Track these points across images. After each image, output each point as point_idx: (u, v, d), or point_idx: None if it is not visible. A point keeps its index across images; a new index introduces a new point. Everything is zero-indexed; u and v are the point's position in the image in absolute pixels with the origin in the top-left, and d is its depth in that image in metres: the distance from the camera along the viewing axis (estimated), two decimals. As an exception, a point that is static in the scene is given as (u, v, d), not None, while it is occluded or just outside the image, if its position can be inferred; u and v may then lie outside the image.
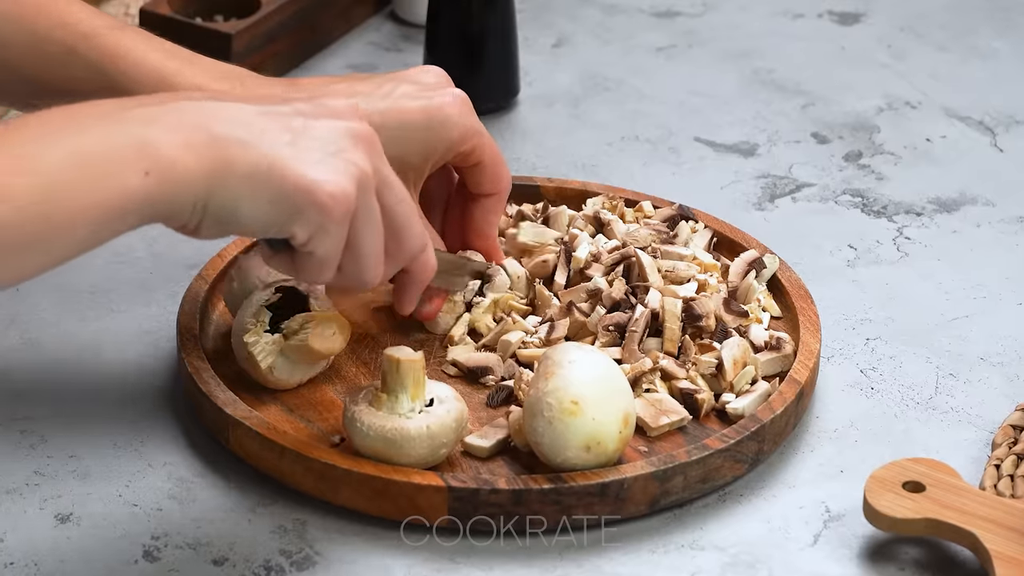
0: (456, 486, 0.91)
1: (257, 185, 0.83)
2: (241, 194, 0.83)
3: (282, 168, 0.84)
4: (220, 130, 0.83)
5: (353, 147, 0.86)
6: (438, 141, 0.98)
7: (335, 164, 0.85)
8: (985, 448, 0.99)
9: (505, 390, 0.99)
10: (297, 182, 0.84)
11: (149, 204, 0.82)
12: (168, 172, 0.81)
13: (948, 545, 0.92)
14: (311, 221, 0.85)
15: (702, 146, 1.24)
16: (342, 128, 0.86)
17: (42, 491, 0.94)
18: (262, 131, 0.84)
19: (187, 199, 0.82)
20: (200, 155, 0.82)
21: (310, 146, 0.85)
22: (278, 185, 0.84)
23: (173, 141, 0.82)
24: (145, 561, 0.90)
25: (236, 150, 0.83)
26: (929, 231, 1.16)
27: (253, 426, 0.94)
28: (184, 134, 0.82)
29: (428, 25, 1.25)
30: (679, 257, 1.05)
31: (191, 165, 0.82)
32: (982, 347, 1.06)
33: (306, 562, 0.90)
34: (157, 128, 0.82)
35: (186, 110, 0.83)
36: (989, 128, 1.27)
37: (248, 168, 0.83)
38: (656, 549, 0.92)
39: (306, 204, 0.84)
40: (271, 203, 0.84)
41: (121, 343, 1.04)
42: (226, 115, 0.84)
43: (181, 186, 0.82)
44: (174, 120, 0.83)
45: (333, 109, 0.87)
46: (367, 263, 0.88)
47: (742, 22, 1.38)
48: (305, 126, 0.85)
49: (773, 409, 0.97)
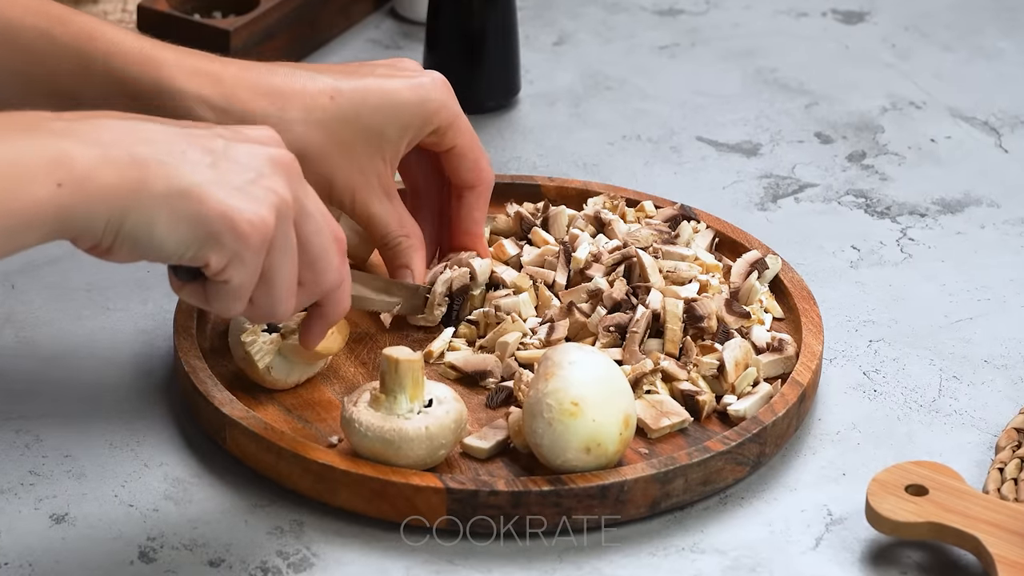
0: (455, 488, 0.91)
1: (175, 207, 0.82)
2: (158, 215, 0.82)
3: (201, 192, 0.82)
4: (140, 150, 0.82)
5: (272, 173, 0.84)
6: (416, 115, 0.98)
7: (254, 191, 0.83)
8: (989, 451, 0.99)
9: (504, 391, 0.99)
10: (216, 208, 0.82)
11: (60, 218, 0.80)
12: (82, 186, 0.80)
13: (951, 549, 0.92)
14: (227, 248, 0.83)
15: (704, 145, 1.24)
16: (262, 154, 0.85)
17: (37, 491, 0.94)
18: (182, 152, 0.83)
19: (100, 216, 0.81)
20: (118, 172, 0.81)
21: (230, 170, 0.83)
22: (196, 209, 0.82)
23: (90, 155, 0.81)
24: (141, 562, 0.90)
25: (155, 170, 0.82)
26: (933, 232, 1.16)
27: (250, 426, 0.94)
28: (102, 150, 0.81)
29: (428, 22, 1.25)
30: (681, 257, 1.05)
31: (108, 181, 0.81)
32: (986, 349, 1.06)
33: (303, 563, 0.90)
34: (74, 141, 0.81)
35: (106, 127, 0.82)
36: (994, 129, 1.27)
37: (166, 189, 0.82)
38: (656, 552, 0.92)
39: (223, 231, 0.83)
40: (188, 227, 0.82)
41: (117, 342, 1.04)
42: (147, 135, 0.83)
43: (95, 202, 0.81)
44: (93, 136, 0.81)
45: (253, 135, 0.86)
46: (279, 295, 0.86)
47: (745, 20, 1.38)
48: (226, 149, 0.84)
49: (775, 411, 0.97)
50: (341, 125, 0.97)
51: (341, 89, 0.97)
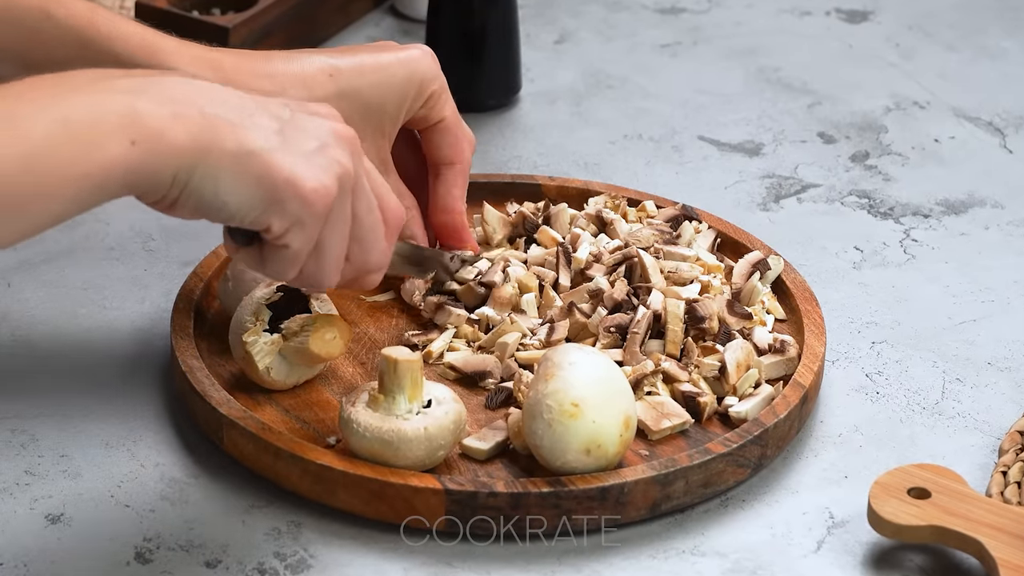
0: (454, 489, 0.90)
1: (243, 167, 0.83)
2: (225, 174, 0.83)
3: (268, 155, 0.83)
4: (210, 109, 0.83)
5: (337, 144, 0.86)
6: (412, 84, 0.99)
7: (320, 159, 0.85)
8: (992, 454, 0.98)
9: (504, 392, 0.98)
10: (283, 172, 0.84)
11: (131, 175, 0.81)
12: (154, 143, 0.81)
13: (954, 553, 0.91)
14: (290, 213, 0.84)
15: (706, 145, 1.24)
16: (327, 126, 0.86)
17: (32, 491, 0.94)
18: (251, 115, 0.84)
19: (169, 171, 0.82)
20: (188, 129, 0.82)
21: (297, 137, 0.85)
22: (263, 171, 0.83)
23: (161, 113, 0.81)
24: (137, 563, 0.90)
25: (226, 129, 0.83)
26: (937, 233, 1.16)
27: (248, 426, 0.94)
28: (173, 107, 0.82)
29: (429, 20, 1.25)
30: (682, 258, 1.05)
31: (179, 138, 0.81)
32: (990, 351, 1.06)
33: (301, 565, 0.90)
34: (145, 99, 0.81)
35: (176, 85, 0.83)
36: (998, 129, 1.27)
37: (236, 148, 0.83)
38: (656, 554, 0.92)
39: (289, 195, 0.84)
40: (254, 188, 0.83)
41: (114, 341, 1.04)
42: (216, 96, 0.84)
43: (166, 157, 0.81)
44: (164, 93, 0.82)
45: (317, 109, 0.88)
46: (329, 265, 0.88)
47: (748, 19, 1.38)
48: (292, 117, 0.86)
49: (776, 413, 0.96)
50: (341, 101, 0.98)
51: (339, 67, 0.98)
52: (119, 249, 1.11)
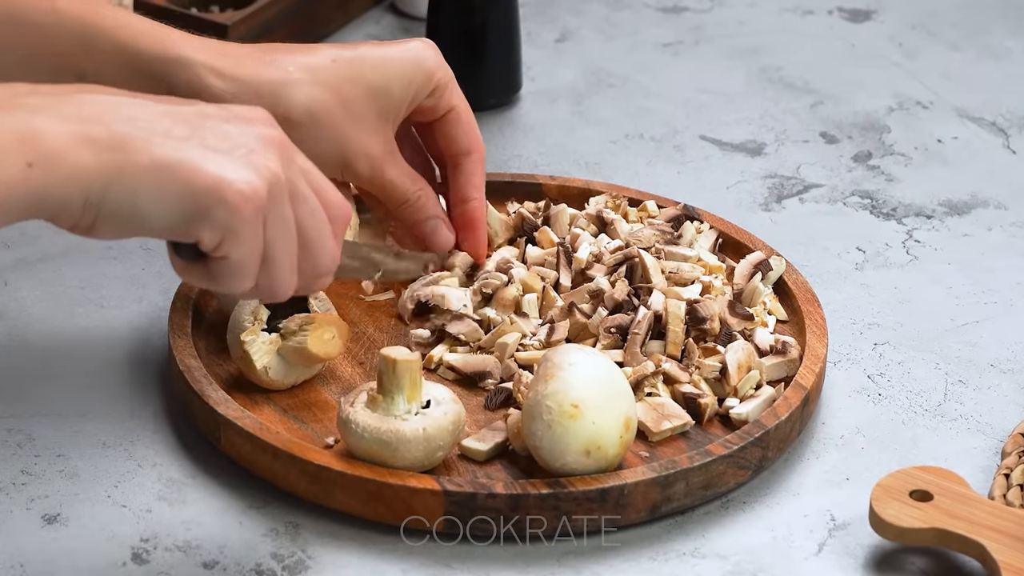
0: (452, 490, 0.90)
1: (160, 181, 0.80)
2: (142, 190, 0.80)
3: (189, 163, 0.81)
4: (119, 126, 0.80)
5: (264, 149, 0.83)
6: (418, 71, 0.99)
7: (245, 163, 0.82)
8: (995, 457, 0.98)
9: (504, 392, 0.98)
10: (204, 180, 0.80)
11: (32, 198, 0.78)
12: (55, 165, 0.78)
13: (956, 556, 0.91)
14: (219, 221, 0.81)
15: (708, 145, 1.24)
16: (252, 132, 0.84)
17: (29, 491, 0.94)
18: (167, 129, 0.81)
19: (77, 195, 0.79)
20: (96, 149, 0.79)
21: (219, 145, 0.82)
22: (184, 181, 0.80)
23: (64, 132, 0.79)
24: (134, 564, 0.89)
25: (137, 144, 0.80)
26: (939, 234, 1.16)
27: (245, 427, 0.94)
28: (78, 126, 0.79)
29: (429, 18, 1.25)
30: (683, 258, 1.04)
31: (83, 159, 0.79)
32: (992, 353, 1.06)
33: (298, 566, 0.90)
34: (47, 117, 0.79)
35: (85, 102, 0.81)
36: (1002, 129, 1.26)
37: (150, 162, 0.80)
38: (657, 557, 0.91)
39: (214, 202, 0.81)
40: (176, 200, 0.81)
41: (111, 340, 1.04)
42: (129, 112, 0.81)
43: (70, 181, 0.79)
44: (70, 111, 0.80)
45: (245, 114, 0.85)
46: (281, 275, 0.85)
47: (750, 18, 1.38)
48: (214, 126, 0.83)
49: (778, 415, 0.96)
50: (346, 84, 0.97)
51: (341, 54, 0.98)
52: (117, 248, 1.11)
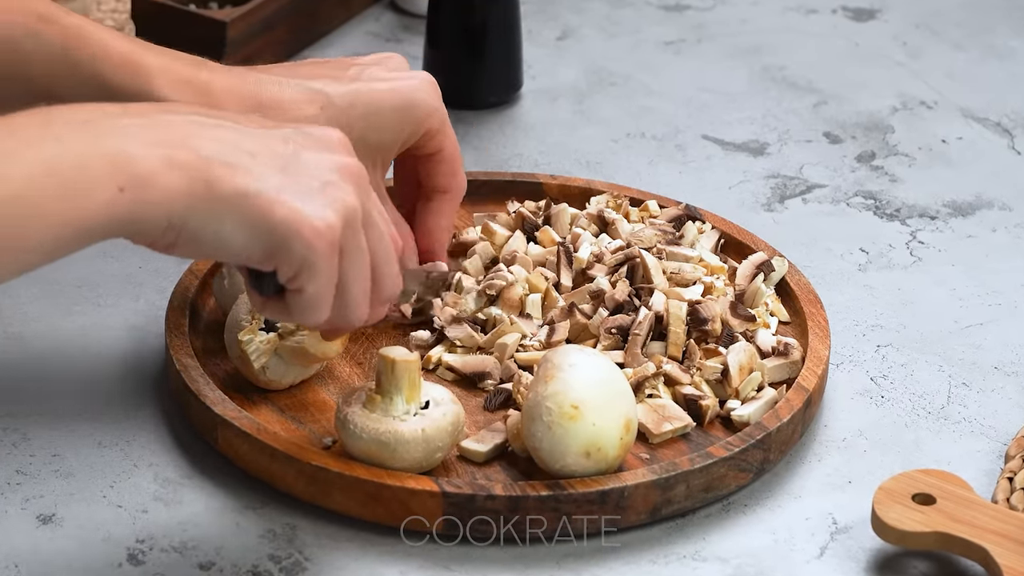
0: (451, 491, 0.90)
1: (242, 211, 0.81)
2: (223, 218, 0.81)
3: (268, 197, 0.82)
4: (207, 150, 0.81)
5: (342, 181, 0.84)
6: (408, 121, 0.97)
7: (322, 198, 0.83)
8: (998, 460, 0.98)
9: (503, 393, 0.98)
10: (282, 213, 0.82)
11: (119, 221, 0.79)
12: (144, 189, 0.79)
13: (958, 560, 0.91)
14: (295, 255, 0.83)
15: (710, 144, 1.24)
16: (331, 162, 0.84)
17: (24, 490, 0.93)
18: (251, 155, 0.82)
19: (161, 217, 0.80)
20: (183, 174, 0.80)
21: (299, 175, 0.83)
22: (262, 214, 0.82)
23: (153, 156, 0.80)
24: (129, 564, 0.89)
25: (222, 171, 0.81)
26: (943, 235, 1.16)
27: (243, 427, 0.93)
28: (166, 150, 0.80)
29: (429, 16, 1.25)
30: (685, 259, 1.04)
31: (172, 184, 0.80)
32: (996, 356, 1.06)
33: (296, 568, 0.89)
34: (137, 141, 0.80)
35: (172, 124, 0.81)
36: (1006, 130, 1.26)
37: (233, 192, 0.81)
38: (657, 559, 0.91)
39: (290, 236, 0.82)
40: (254, 230, 0.82)
41: (107, 339, 1.03)
42: (215, 134, 0.82)
43: (156, 205, 0.80)
44: (158, 135, 0.80)
45: (323, 140, 0.86)
46: (355, 302, 0.86)
47: (753, 17, 1.38)
48: (295, 153, 0.84)
49: (780, 417, 0.96)
50: None
51: (331, 99, 0.96)
52: (114, 246, 1.10)
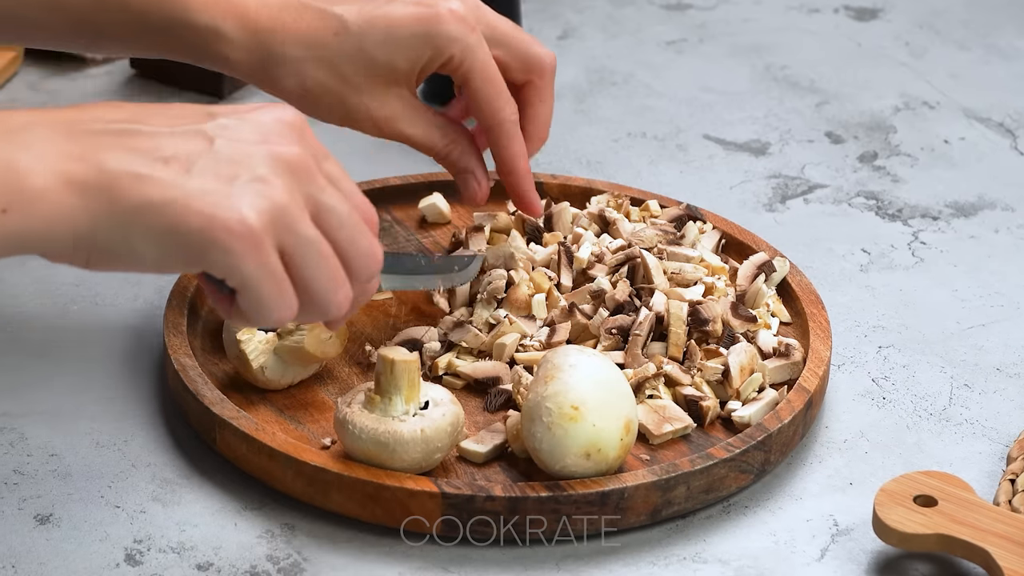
0: (450, 492, 0.89)
1: (150, 222, 0.77)
2: (131, 232, 0.77)
3: (178, 203, 0.77)
4: (112, 162, 0.77)
5: (272, 175, 0.79)
6: (423, 47, 0.95)
7: (244, 196, 0.78)
8: (1000, 462, 0.98)
9: (503, 394, 0.97)
10: (194, 219, 0.77)
11: (11, 240, 0.76)
12: (34, 208, 0.75)
13: (960, 562, 0.91)
14: (217, 261, 0.78)
15: (712, 144, 1.23)
16: (264, 154, 0.79)
17: (21, 490, 0.93)
18: (165, 161, 0.78)
19: (64, 237, 0.77)
20: (80, 190, 0.76)
21: (218, 175, 0.78)
22: (173, 224, 0.77)
23: (48, 172, 0.76)
24: (127, 565, 0.89)
25: (128, 184, 0.77)
26: (946, 236, 1.16)
27: (241, 427, 0.93)
28: (65, 164, 0.76)
29: None
30: (686, 259, 1.04)
31: (66, 202, 0.76)
32: (998, 357, 1.05)
33: (294, 568, 0.89)
34: (31, 156, 0.75)
35: (80, 135, 0.77)
36: (1009, 130, 1.26)
37: (140, 203, 0.77)
38: (657, 561, 0.91)
39: (206, 243, 0.77)
40: (166, 241, 0.78)
41: (106, 338, 1.03)
42: (126, 142, 0.78)
43: (53, 223, 0.76)
44: (59, 148, 0.77)
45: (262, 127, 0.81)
46: (324, 294, 0.82)
47: (755, 16, 1.38)
48: (217, 151, 0.79)
49: (780, 418, 0.95)
50: (345, 62, 0.95)
51: (347, 25, 0.95)
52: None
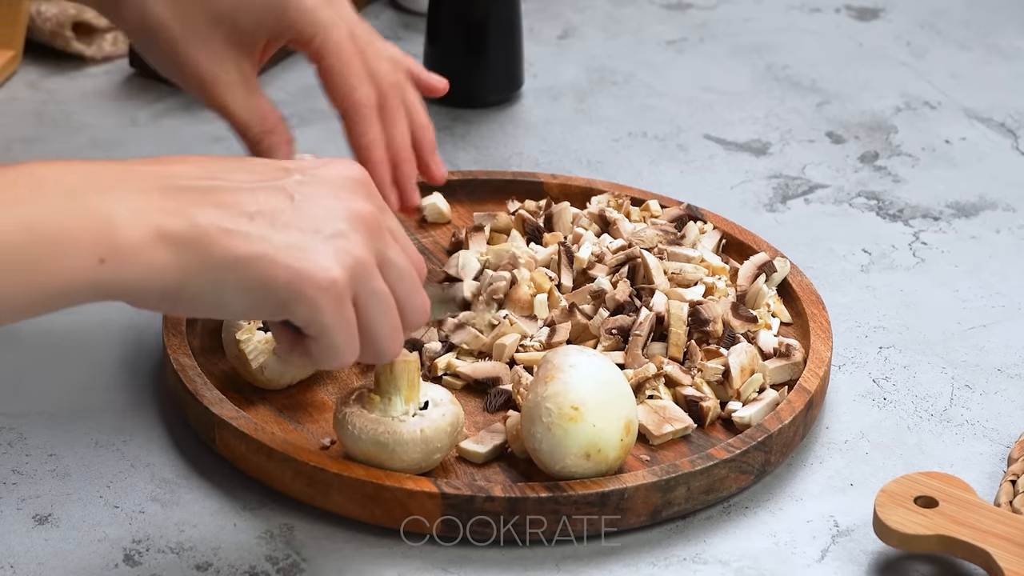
0: (450, 493, 0.89)
1: (239, 277, 0.79)
2: (221, 286, 0.79)
3: (267, 260, 0.79)
4: (203, 217, 0.79)
5: (351, 231, 0.82)
6: (270, 11, 0.94)
7: (327, 251, 0.81)
8: (1001, 463, 0.97)
9: (503, 394, 0.97)
10: (283, 276, 0.80)
11: (104, 288, 0.77)
12: (128, 261, 0.77)
13: (961, 563, 0.90)
14: (301, 313, 0.81)
15: (712, 144, 1.23)
16: (341, 210, 0.82)
17: (20, 490, 0.93)
18: (250, 217, 0.80)
19: (153, 288, 0.78)
20: (172, 246, 0.78)
21: (303, 229, 0.81)
22: (263, 279, 0.79)
23: (142, 226, 0.77)
24: (126, 565, 0.89)
25: (218, 238, 0.79)
26: (947, 236, 1.15)
27: (240, 427, 0.93)
28: (159, 218, 0.78)
29: (429, 14, 1.25)
30: (686, 259, 1.04)
31: (159, 257, 0.78)
32: (999, 358, 1.05)
33: (293, 569, 0.89)
34: (126, 210, 0.77)
35: (169, 191, 0.79)
36: (1011, 130, 1.26)
37: (231, 259, 0.79)
38: (657, 562, 0.91)
39: (293, 296, 0.80)
40: (255, 295, 0.80)
41: (105, 337, 1.03)
42: (212, 199, 0.79)
43: (145, 277, 0.78)
44: (152, 202, 0.78)
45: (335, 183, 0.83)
46: (385, 341, 0.84)
47: (756, 15, 1.38)
48: (298, 207, 0.81)
49: (781, 419, 0.95)
50: (190, 4, 0.94)
51: None
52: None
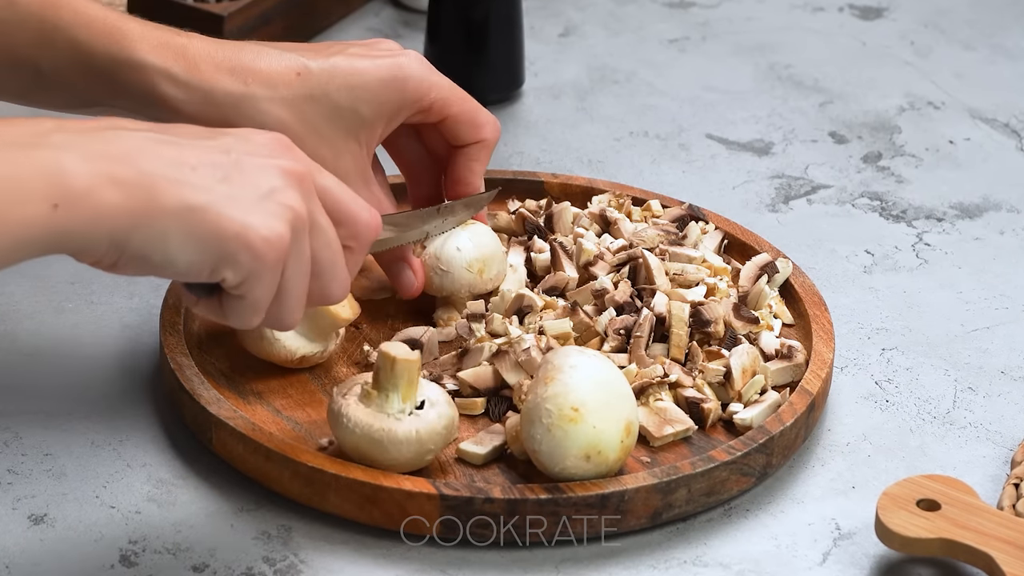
0: (449, 494, 0.89)
1: (187, 225, 0.80)
2: (169, 234, 0.80)
3: (214, 210, 0.81)
4: (148, 165, 0.80)
5: (286, 187, 0.83)
6: (390, 93, 0.96)
7: (269, 206, 0.82)
8: (1004, 466, 0.97)
9: (504, 402, 0.97)
10: (231, 226, 0.81)
11: (56, 237, 0.78)
12: (80, 206, 0.78)
13: (963, 566, 0.90)
14: (243, 265, 0.82)
15: (714, 143, 1.23)
16: (275, 167, 0.83)
17: (15, 490, 0.93)
18: (193, 168, 0.81)
19: (102, 236, 0.79)
20: (123, 191, 0.79)
21: (243, 184, 0.82)
22: (210, 228, 0.80)
23: (91, 171, 0.78)
24: (122, 566, 0.89)
25: (165, 187, 0.80)
26: (950, 237, 1.15)
27: (238, 427, 0.93)
28: (107, 165, 0.79)
29: (430, 11, 1.25)
30: (688, 259, 1.03)
31: (111, 200, 0.79)
32: (1003, 360, 1.05)
33: (290, 570, 0.89)
34: (75, 156, 0.78)
35: (114, 139, 0.80)
36: (1015, 131, 1.26)
37: (178, 206, 0.80)
38: (657, 564, 0.90)
39: (239, 249, 0.81)
40: (201, 245, 0.81)
41: (101, 337, 1.03)
42: (155, 150, 0.81)
43: (95, 222, 0.79)
44: (98, 149, 0.79)
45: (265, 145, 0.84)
46: (291, 307, 0.85)
47: (759, 14, 1.38)
48: (237, 162, 0.83)
49: (783, 421, 0.95)
50: (308, 103, 0.95)
51: (309, 67, 0.95)
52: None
